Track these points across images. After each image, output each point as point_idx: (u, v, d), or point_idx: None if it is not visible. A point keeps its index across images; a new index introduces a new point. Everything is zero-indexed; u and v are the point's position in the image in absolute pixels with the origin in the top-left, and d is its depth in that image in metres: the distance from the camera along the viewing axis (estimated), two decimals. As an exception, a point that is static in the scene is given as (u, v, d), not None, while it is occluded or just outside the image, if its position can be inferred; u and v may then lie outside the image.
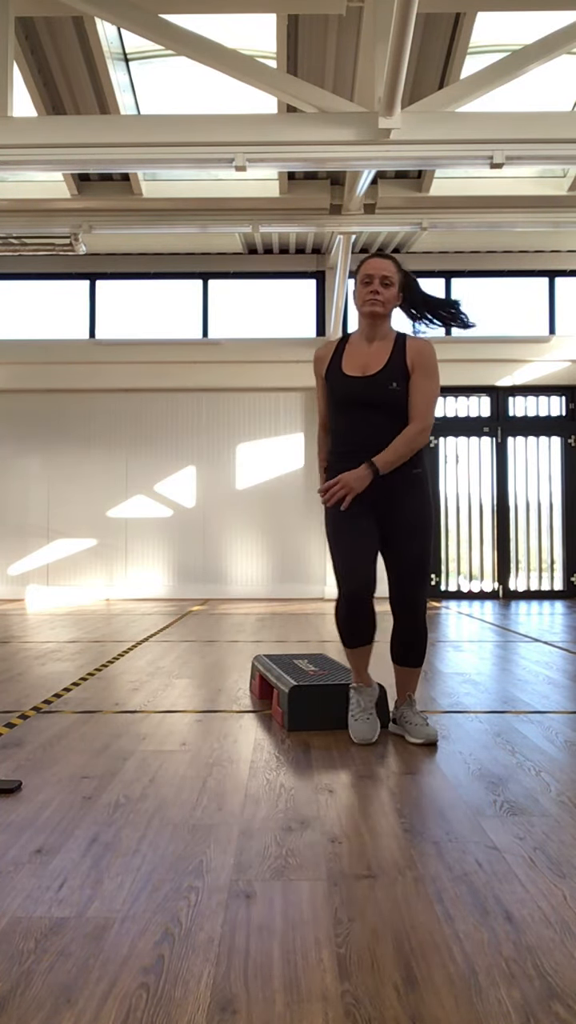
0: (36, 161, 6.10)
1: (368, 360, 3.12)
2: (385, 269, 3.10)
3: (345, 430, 3.13)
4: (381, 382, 3.07)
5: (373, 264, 3.11)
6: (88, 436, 11.15)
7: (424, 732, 3.11)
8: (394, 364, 3.10)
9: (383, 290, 3.09)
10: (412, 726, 3.15)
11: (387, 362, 3.10)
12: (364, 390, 3.07)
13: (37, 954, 1.54)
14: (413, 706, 3.22)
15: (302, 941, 1.59)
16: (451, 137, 5.83)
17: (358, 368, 3.11)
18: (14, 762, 2.84)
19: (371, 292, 3.08)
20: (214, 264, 11.14)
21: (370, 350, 3.14)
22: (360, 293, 3.12)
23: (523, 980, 1.44)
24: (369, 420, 3.08)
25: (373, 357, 3.12)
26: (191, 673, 4.74)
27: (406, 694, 3.24)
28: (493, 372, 11.06)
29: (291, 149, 5.94)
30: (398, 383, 3.07)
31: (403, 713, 3.22)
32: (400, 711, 3.24)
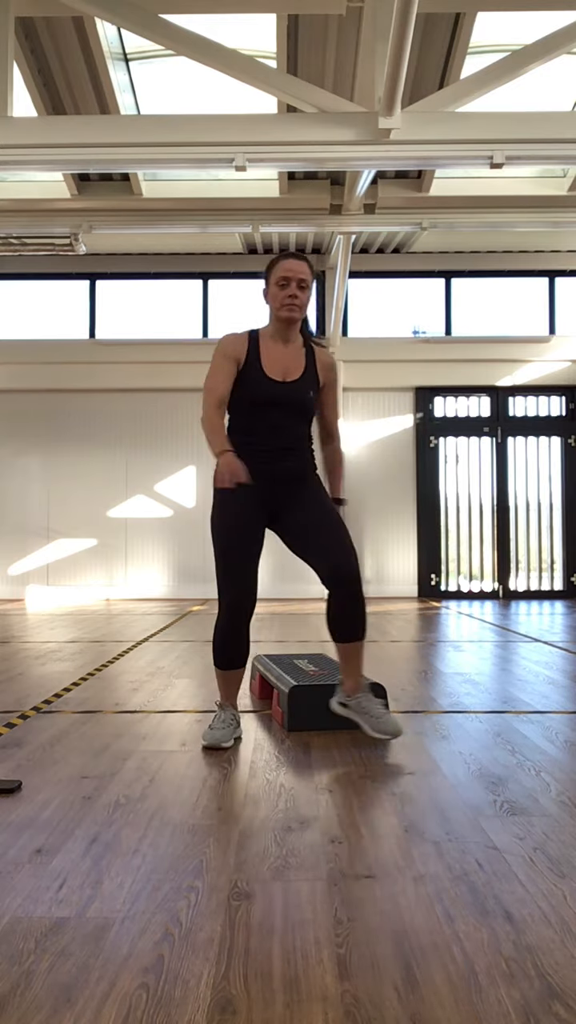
0: (36, 161, 6.10)
1: (287, 365, 3.09)
2: (302, 272, 3.04)
3: (261, 431, 3.06)
4: (303, 389, 3.09)
5: (290, 266, 3.03)
6: (88, 436, 11.15)
7: (386, 724, 2.97)
8: (310, 373, 3.12)
9: (300, 293, 3.03)
10: (372, 718, 3.01)
11: (304, 370, 3.11)
12: (288, 395, 3.06)
13: (37, 954, 1.54)
14: (367, 691, 3.09)
15: (302, 941, 1.59)
16: (451, 137, 5.83)
17: (279, 372, 3.07)
18: (14, 762, 2.84)
19: (289, 296, 3.02)
20: (214, 264, 11.14)
21: (286, 352, 3.10)
22: (276, 295, 3.05)
23: (523, 980, 1.44)
24: (286, 423, 3.08)
25: (291, 362, 3.09)
26: (191, 673, 4.74)
27: (358, 680, 3.09)
28: (493, 372, 11.07)
29: (291, 149, 5.94)
30: (314, 391, 3.13)
31: (359, 702, 3.07)
32: (355, 700, 3.08)
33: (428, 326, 11.26)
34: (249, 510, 3.05)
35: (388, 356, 11.03)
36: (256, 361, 3.07)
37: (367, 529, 11.04)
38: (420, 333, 11.23)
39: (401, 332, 11.23)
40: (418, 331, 11.24)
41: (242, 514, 3.05)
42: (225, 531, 3.05)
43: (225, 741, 3.05)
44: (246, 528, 3.04)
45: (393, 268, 11.19)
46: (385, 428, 11.16)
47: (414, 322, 11.28)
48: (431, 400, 11.15)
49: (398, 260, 11.14)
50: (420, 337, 11.13)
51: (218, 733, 3.06)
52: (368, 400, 11.11)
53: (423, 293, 11.30)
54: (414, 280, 11.29)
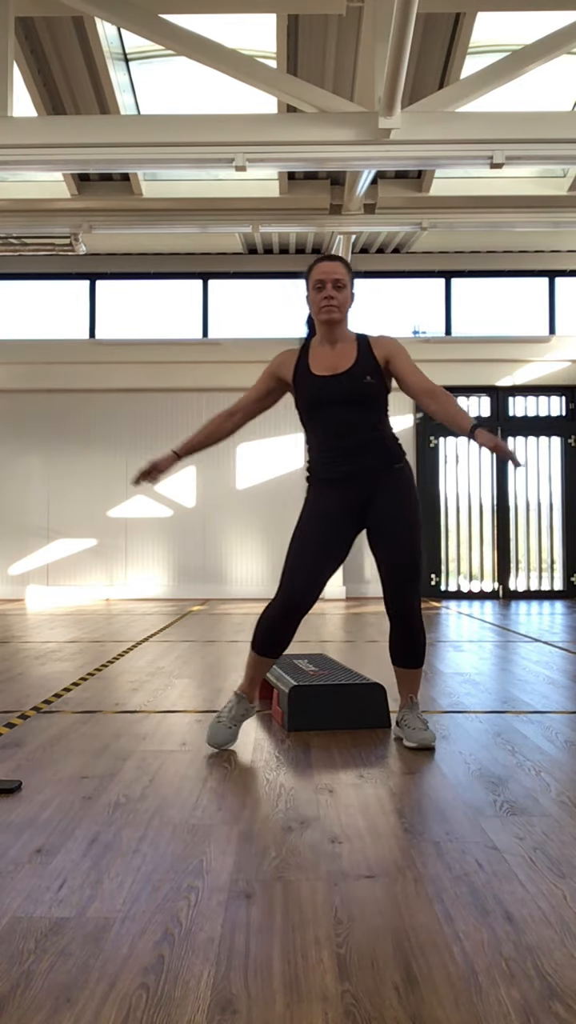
0: (36, 161, 6.10)
1: (336, 361, 3.08)
2: (336, 272, 3.04)
3: (328, 433, 3.08)
4: (356, 376, 3.05)
5: (324, 268, 3.04)
6: (88, 436, 11.15)
7: (419, 736, 3.05)
8: (363, 360, 3.08)
9: (336, 294, 3.03)
10: (410, 730, 3.11)
11: (356, 359, 3.08)
12: (339, 387, 3.04)
13: (37, 954, 1.54)
14: (415, 709, 3.17)
15: (302, 941, 1.59)
16: (451, 137, 5.84)
17: (327, 368, 3.07)
18: (14, 762, 2.84)
19: (325, 298, 3.02)
20: (214, 264, 11.14)
21: (335, 352, 3.10)
22: (314, 299, 3.06)
23: (523, 980, 1.44)
24: (348, 418, 3.05)
25: (340, 358, 3.09)
26: (191, 673, 4.74)
27: (408, 696, 3.19)
28: (493, 372, 11.06)
29: (291, 149, 5.94)
30: (371, 376, 3.07)
31: (404, 716, 3.17)
32: (402, 714, 3.18)
33: (428, 326, 11.26)
34: (329, 515, 3.06)
35: (388, 356, 11.01)
36: (305, 367, 3.10)
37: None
38: (420, 333, 11.22)
39: (401, 332, 11.23)
40: (418, 331, 11.24)
41: (322, 518, 3.06)
42: (302, 525, 3.08)
43: (229, 744, 3.04)
44: (320, 532, 3.05)
45: (393, 268, 11.19)
46: (385, 428, 11.15)
47: (414, 322, 11.28)
48: (431, 400, 11.13)
49: (398, 260, 11.13)
50: (420, 337, 11.13)
51: (223, 733, 3.03)
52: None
53: (423, 293, 11.30)
54: (414, 280, 11.29)
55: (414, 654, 3.14)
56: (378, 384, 3.09)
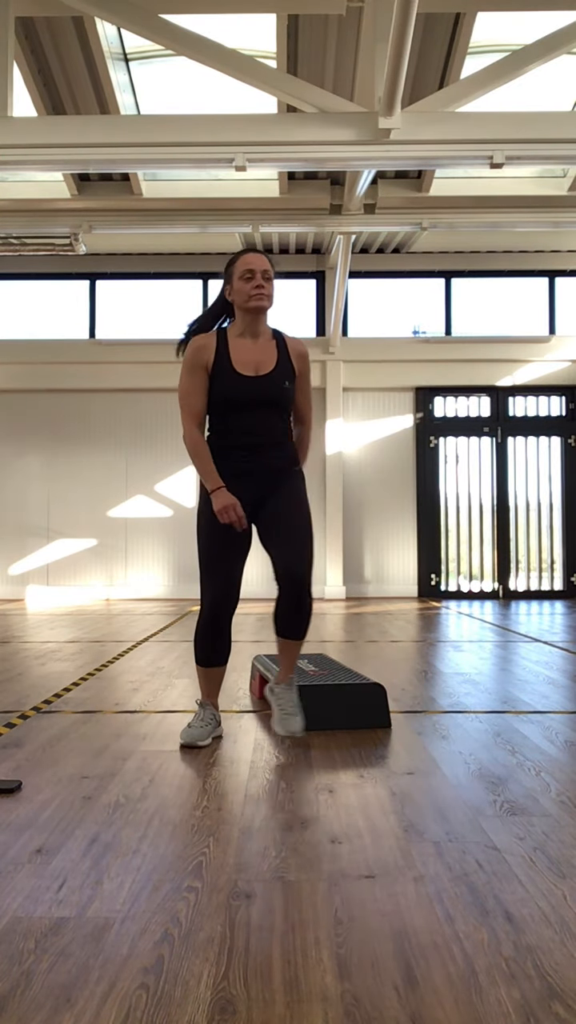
0: (36, 161, 6.10)
1: (259, 358, 3.07)
2: (264, 264, 3.06)
3: (238, 429, 3.07)
4: (277, 381, 3.07)
5: (253, 259, 3.05)
6: (88, 436, 11.15)
7: (288, 724, 3.06)
8: (283, 363, 3.10)
9: (266, 284, 3.04)
10: (282, 712, 3.10)
11: (277, 361, 3.09)
12: (263, 390, 3.04)
13: (37, 954, 1.54)
14: (292, 689, 3.17)
15: (302, 941, 1.59)
16: (451, 137, 5.84)
17: (250, 367, 3.06)
18: (14, 762, 2.83)
19: (256, 287, 3.02)
20: (214, 264, 11.13)
21: (256, 347, 3.09)
22: (241, 288, 3.04)
23: (523, 980, 1.44)
24: (263, 419, 3.07)
25: (263, 355, 3.08)
26: (191, 673, 4.74)
27: (287, 672, 3.17)
28: (493, 372, 11.06)
29: (291, 149, 5.94)
30: (289, 382, 3.10)
31: (280, 694, 3.16)
32: (280, 689, 3.17)
33: (428, 326, 11.26)
34: None
35: (388, 356, 11.03)
36: (226, 359, 3.06)
37: (367, 529, 11.05)
38: (420, 333, 11.22)
39: (401, 332, 11.23)
40: (418, 331, 11.24)
41: None
42: (209, 530, 3.06)
43: (202, 740, 3.06)
44: (229, 528, 3.04)
45: (393, 268, 11.19)
46: (385, 428, 11.16)
47: (414, 322, 11.28)
48: (431, 400, 11.15)
49: (398, 260, 11.13)
50: (420, 337, 11.13)
51: (196, 731, 3.06)
52: (368, 400, 11.11)
53: (423, 293, 11.30)
54: (414, 280, 11.29)
55: (302, 624, 3.11)
56: (291, 388, 3.14)
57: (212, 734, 3.12)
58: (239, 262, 3.07)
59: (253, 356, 3.08)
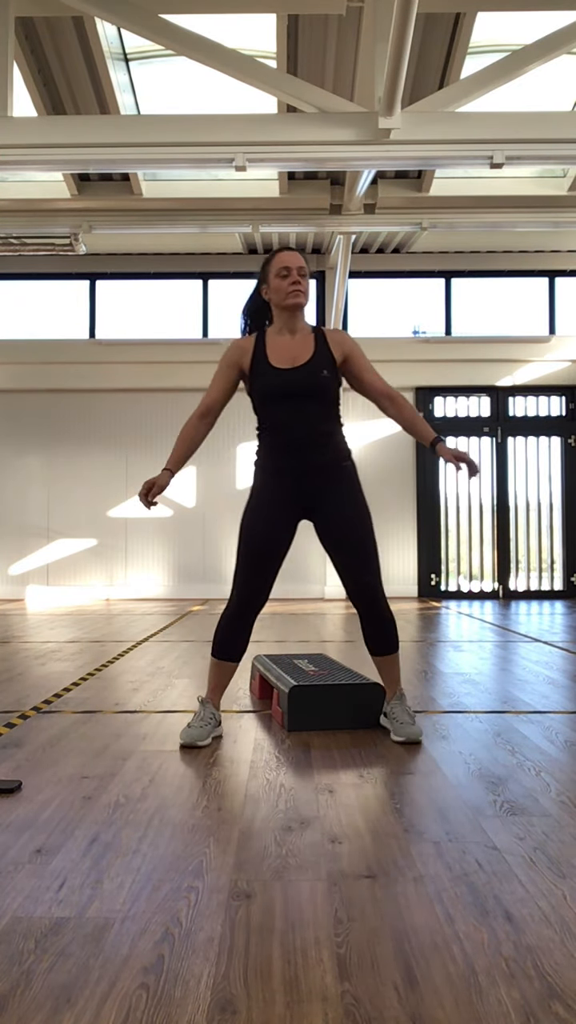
0: (36, 161, 6.10)
1: (295, 352, 3.10)
2: (300, 261, 3.09)
3: (282, 424, 3.10)
4: (314, 370, 3.08)
5: (288, 257, 3.09)
6: (88, 436, 11.15)
7: (406, 731, 3.09)
8: (321, 353, 3.11)
9: (302, 280, 3.08)
10: (398, 723, 3.14)
11: (314, 351, 3.11)
12: (299, 380, 3.06)
13: (37, 954, 1.54)
14: (403, 701, 3.21)
15: (302, 941, 1.59)
16: (451, 137, 5.84)
17: (286, 360, 3.09)
18: (14, 762, 2.83)
19: (293, 283, 3.06)
20: (214, 264, 11.14)
21: (293, 342, 3.12)
22: (278, 286, 3.08)
23: (523, 980, 1.44)
24: (305, 411, 3.08)
25: (299, 348, 3.11)
26: (191, 673, 4.74)
27: (394, 688, 3.23)
28: (493, 372, 11.07)
29: (291, 149, 5.94)
30: (328, 371, 3.10)
31: (392, 708, 3.20)
32: (390, 706, 3.22)
33: (428, 326, 11.26)
34: (277, 509, 3.10)
35: (388, 356, 11.00)
36: (263, 356, 3.11)
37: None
38: (420, 333, 11.22)
39: (401, 332, 11.23)
40: (418, 331, 11.24)
41: (269, 512, 3.10)
42: (249, 525, 3.11)
43: (202, 740, 3.06)
44: (270, 526, 3.08)
45: (393, 268, 11.19)
46: (385, 428, 11.15)
47: (414, 322, 11.28)
48: (431, 400, 11.15)
49: (398, 260, 11.13)
50: (420, 337, 11.13)
51: (195, 731, 3.06)
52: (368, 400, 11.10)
53: (423, 293, 11.30)
54: (414, 280, 11.29)
55: (388, 639, 3.17)
56: (333, 379, 3.13)
57: (212, 734, 3.12)
58: (275, 260, 3.11)
59: (290, 351, 3.11)
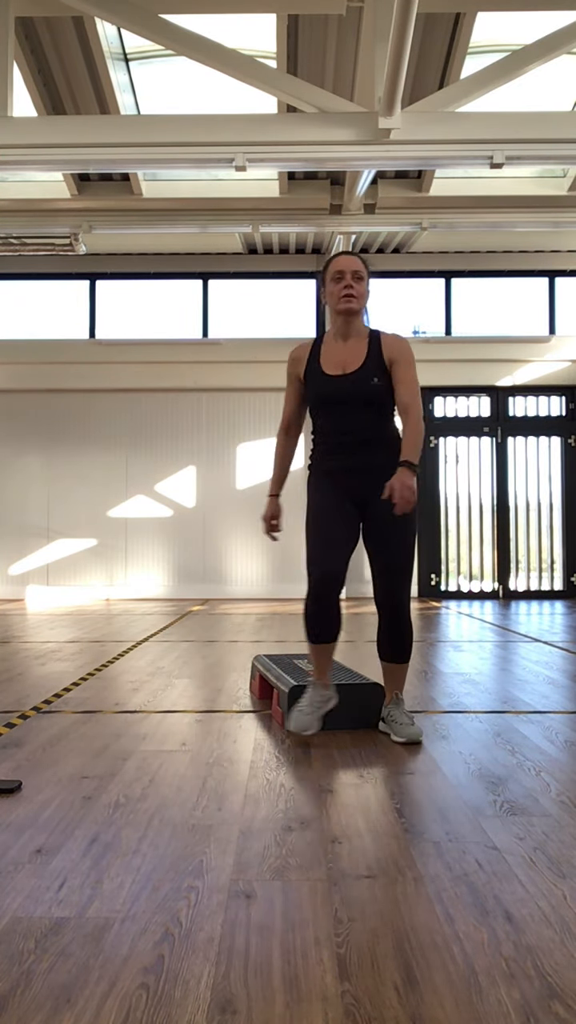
0: (36, 161, 6.10)
1: (346, 358, 3.14)
2: (355, 265, 3.11)
3: (332, 428, 3.16)
4: (363, 378, 3.10)
5: (343, 261, 3.12)
6: (88, 436, 11.14)
7: (407, 731, 3.12)
8: (372, 360, 3.13)
9: (356, 285, 3.10)
10: (397, 725, 3.17)
11: (365, 358, 3.13)
12: (347, 387, 3.10)
13: (37, 954, 1.54)
14: (400, 705, 3.24)
15: (302, 941, 1.59)
16: (451, 137, 5.84)
17: (337, 367, 3.13)
18: (14, 762, 2.83)
19: (345, 287, 3.08)
20: (214, 264, 11.14)
21: (346, 347, 3.15)
22: (332, 291, 3.11)
23: (523, 980, 1.44)
24: (353, 417, 3.12)
25: (351, 355, 3.14)
26: (191, 673, 4.74)
27: (393, 692, 3.26)
28: (493, 372, 11.06)
29: (291, 149, 5.94)
30: (378, 378, 3.11)
31: (390, 712, 3.24)
32: (388, 710, 3.26)
33: (428, 326, 11.26)
34: (334, 498, 3.16)
35: (388, 356, 11.01)
36: (316, 363, 3.16)
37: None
38: (420, 333, 11.22)
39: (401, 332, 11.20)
40: (418, 331, 11.24)
41: (328, 502, 3.17)
42: (312, 515, 3.19)
43: (310, 728, 3.10)
44: (329, 514, 3.14)
45: (393, 268, 11.18)
46: (385, 428, 11.14)
47: (414, 322, 11.27)
48: (431, 400, 11.15)
49: (398, 260, 11.13)
50: (420, 337, 11.13)
51: (304, 719, 3.11)
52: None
53: (423, 293, 11.30)
54: (414, 280, 11.28)
55: (402, 649, 3.22)
56: (385, 384, 3.13)
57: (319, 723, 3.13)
58: (331, 265, 3.14)
59: (342, 357, 3.14)
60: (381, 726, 3.30)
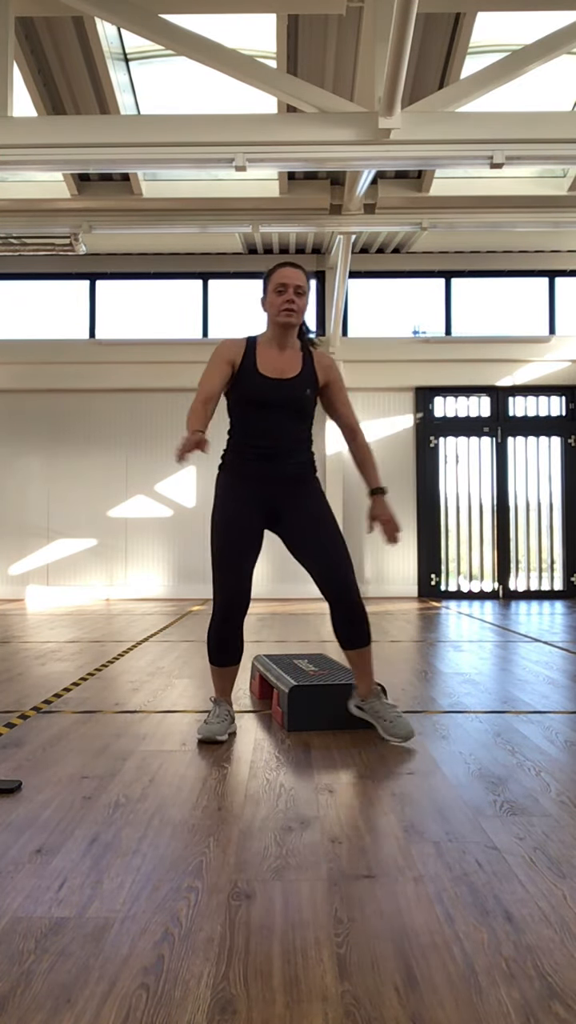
0: (36, 161, 6.10)
1: (283, 365, 3.14)
2: (299, 279, 3.11)
3: (255, 431, 3.14)
4: (299, 386, 3.13)
5: (287, 274, 3.10)
6: (88, 436, 11.15)
7: (397, 728, 3.07)
8: (307, 372, 3.17)
9: (297, 299, 3.10)
10: (386, 722, 3.11)
11: (302, 369, 3.16)
12: (284, 392, 3.11)
13: (37, 954, 1.54)
14: (381, 697, 3.19)
15: (302, 941, 1.59)
16: (451, 137, 5.84)
17: (275, 371, 3.13)
18: (14, 762, 2.83)
19: (286, 302, 3.09)
20: (214, 264, 11.14)
21: (283, 355, 3.16)
22: (274, 302, 3.11)
23: (523, 980, 1.44)
24: (281, 422, 3.12)
25: (287, 363, 3.15)
26: (191, 673, 4.74)
27: (370, 685, 3.18)
28: (493, 372, 11.06)
29: (291, 149, 5.94)
30: (311, 390, 3.16)
31: (373, 707, 3.17)
32: (369, 704, 3.19)
33: (428, 326, 11.26)
34: (246, 511, 3.13)
35: (388, 356, 11.03)
36: (252, 363, 3.14)
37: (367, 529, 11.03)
38: (420, 333, 11.22)
39: (401, 332, 11.23)
40: (418, 331, 11.24)
41: (238, 514, 3.13)
42: (221, 529, 3.13)
43: (220, 735, 3.10)
44: (241, 528, 3.11)
45: (393, 268, 11.19)
46: (385, 428, 11.16)
47: (414, 322, 11.28)
48: (431, 400, 11.15)
49: (398, 260, 11.14)
50: (420, 337, 11.13)
51: (214, 727, 3.12)
52: (368, 400, 11.11)
53: (423, 293, 11.30)
54: (414, 280, 11.29)
55: (362, 631, 3.15)
56: (313, 398, 3.20)
57: (228, 729, 3.16)
58: (275, 275, 3.13)
59: (278, 363, 3.15)
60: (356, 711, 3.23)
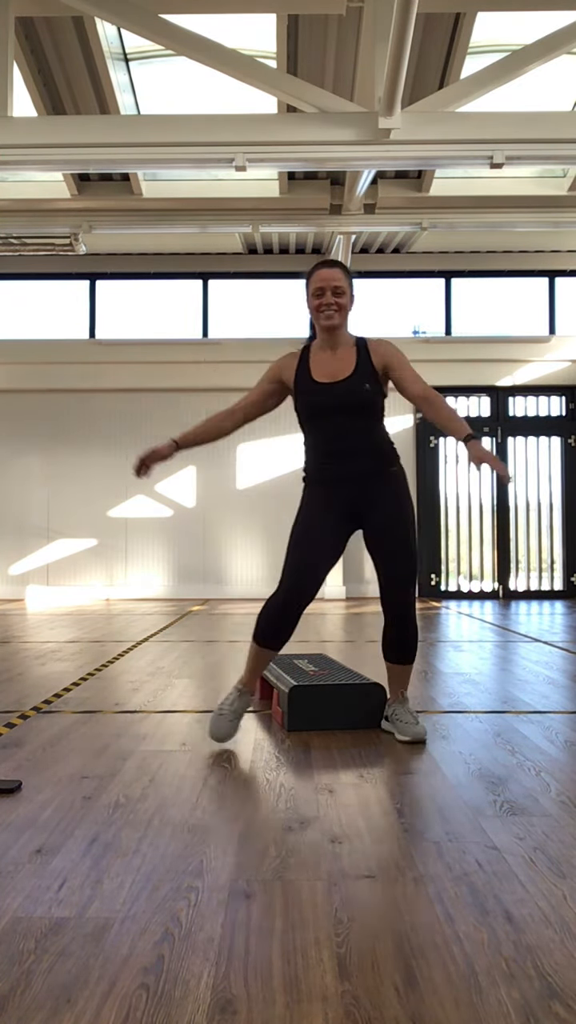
0: (36, 161, 6.10)
1: (336, 367, 3.12)
2: (335, 279, 3.09)
3: (324, 438, 3.14)
4: (355, 384, 3.10)
5: (323, 275, 3.09)
6: (88, 436, 11.14)
7: (412, 730, 3.13)
8: (362, 367, 3.12)
9: (336, 300, 3.09)
10: (402, 724, 3.18)
11: (356, 366, 3.12)
12: (338, 394, 3.09)
13: (37, 954, 1.54)
14: (405, 704, 3.25)
15: (302, 941, 1.59)
16: (451, 137, 5.84)
17: (328, 376, 3.11)
18: (14, 762, 2.83)
19: (325, 305, 3.08)
20: (214, 264, 11.14)
21: (335, 357, 3.14)
22: (314, 305, 3.11)
23: (523, 980, 1.44)
24: (347, 425, 3.10)
25: (340, 364, 3.13)
26: (191, 673, 4.74)
27: (399, 692, 3.26)
28: (493, 372, 11.06)
29: (291, 149, 5.94)
30: (370, 384, 3.11)
31: (395, 711, 3.24)
32: (393, 709, 3.26)
33: (428, 326, 11.26)
34: (324, 515, 3.13)
35: (388, 356, 11.01)
36: (306, 371, 3.14)
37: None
38: (420, 333, 11.22)
39: (401, 332, 11.23)
40: (418, 331, 11.24)
41: (317, 515, 3.14)
42: (297, 526, 3.15)
43: (228, 738, 3.07)
44: (316, 529, 3.12)
45: (393, 268, 11.19)
46: (385, 428, 11.14)
47: (414, 322, 11.27)
48: (431, 400, 11.13)
49: (398, 260, 11.13)
50: (420, 337, 11.13)
51: (223, 728, 3.06)
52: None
53: (423, 293, 11.30)
54: (414, 280, 11.28)
55: (408, 650, 3.22)
56: (375, 390, 3.14)
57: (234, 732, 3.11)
58: (312, 278, 3.12)
59: (332, 366, 3.13)
60: (385, 724, 3.30)
